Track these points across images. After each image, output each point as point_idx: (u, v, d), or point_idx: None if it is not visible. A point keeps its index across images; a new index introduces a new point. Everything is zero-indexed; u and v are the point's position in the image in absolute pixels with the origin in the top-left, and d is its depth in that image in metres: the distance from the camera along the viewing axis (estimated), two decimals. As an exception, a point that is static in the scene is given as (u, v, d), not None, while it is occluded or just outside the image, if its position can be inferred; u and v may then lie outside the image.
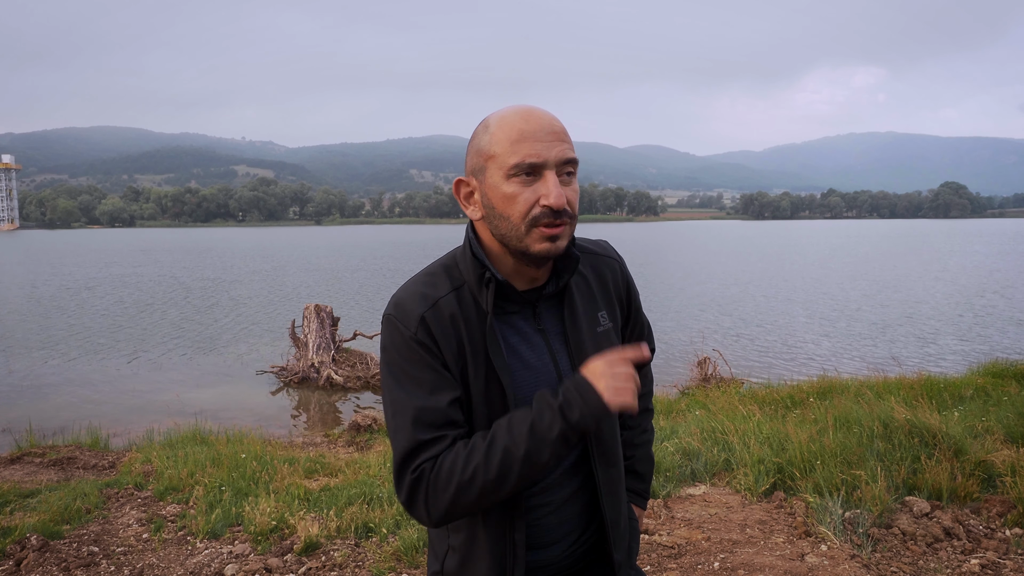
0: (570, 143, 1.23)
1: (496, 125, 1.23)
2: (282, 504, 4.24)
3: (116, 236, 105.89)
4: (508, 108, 1.26)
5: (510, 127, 1.21)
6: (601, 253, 1.45)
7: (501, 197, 1.21)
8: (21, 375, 12.40)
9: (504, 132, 1.21)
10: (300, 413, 10.26)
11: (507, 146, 1.20)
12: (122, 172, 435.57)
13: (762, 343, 14.88)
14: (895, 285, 26.19)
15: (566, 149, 1.21)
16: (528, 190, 1.20)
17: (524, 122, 1.21)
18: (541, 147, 1.19)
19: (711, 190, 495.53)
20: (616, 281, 1.45)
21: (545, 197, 1.18)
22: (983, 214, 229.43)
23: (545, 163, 1.19)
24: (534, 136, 1.19)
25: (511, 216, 1.21)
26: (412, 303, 1.27)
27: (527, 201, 1.20)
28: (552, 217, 1.19)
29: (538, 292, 1.32)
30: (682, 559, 3.36)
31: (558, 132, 1.21)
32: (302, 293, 24.29)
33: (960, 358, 12.75)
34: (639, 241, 69.10)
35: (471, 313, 1.27)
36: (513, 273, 1.29)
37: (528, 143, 1.19)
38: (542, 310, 1.33)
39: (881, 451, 4.31)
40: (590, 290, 1.39)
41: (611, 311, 1.41)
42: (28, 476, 5.62)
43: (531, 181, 1.20)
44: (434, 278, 1.31)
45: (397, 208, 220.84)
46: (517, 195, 1.20)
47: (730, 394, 7.88)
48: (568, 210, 1.21)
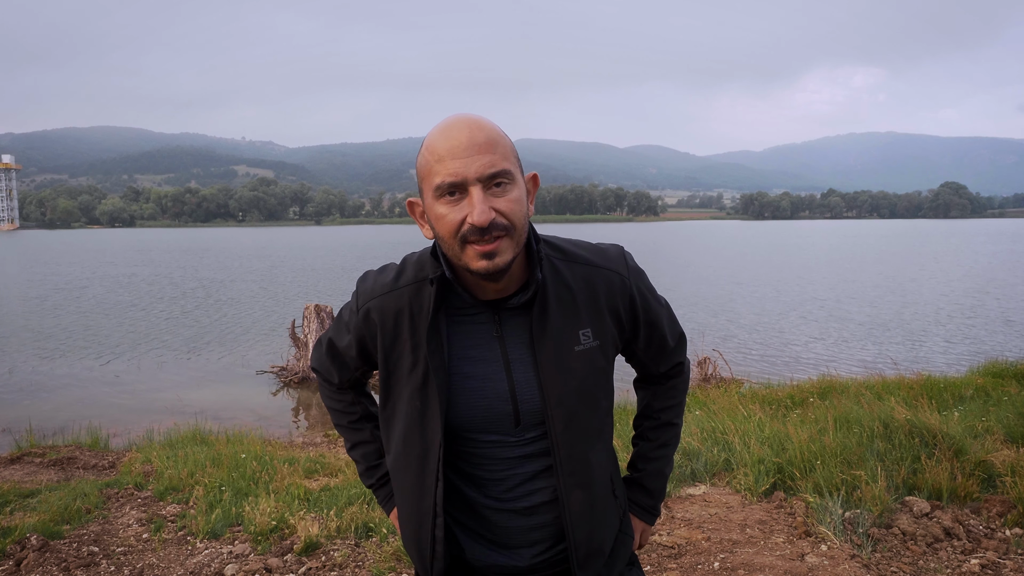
0: (499, 152, 1.17)
1: (424, 144, 1.21)
2: (282, 504, 4.23)
3: (116, 236, 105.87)
4: (437, 126, 1.22)
5: (432, 145, 1.19)
6: (599, 264, 1.35)
7: (435, 218, 1.20)
8: (21, 375, 12.40)
9: (428, 152, 1.19)
10: (300, 413, 10.27)
11: (431, 166, 1.18)
12: (122, 172, 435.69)
13: (762, 343, 14.87)
14: (895, 285, 26.19)
15: (489, 162, 1.15)
16: (455, 209, 1.17)
17: (443, 139, 1.17)
18: (459, 165, 1.15)
19: (711, 190, 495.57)
20: (612, 295, 1.35)
21: (469, 215, 1.15)
22: (983, 214, 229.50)
23: (466, 180, 1.15)
24: (452, 153, 1.16)
25: (444, 236, 1.20)
26: (372, 286, 1.38)
27: (454, 221, 1.17)
28: (479, 235, 1.15)
29: (503, 301, 1.28)
30: (682, 559, 3.36)
31: (479, 144, 1.16)
32: (302, 293, 24.30)
33: (960, 358, 12.75)
34: (639, 241, 69.09)
35: (425, 309, 1.28)
36: (474, 282, 1.26)
37: (446, 162, 1.16)
38: (507, 319, 1.30)
39: (881, 451, 4.31)
40: (574, 303, 1.31)
41: (599, 327, 1.33)
42: (28, 476, 5.62)
43: (458, 200, 1.17)
44: (406, 268, 1.35)
45: (397, 208, 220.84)
46: (445, 215, 1.18)
47: (730, 394, 7.88)
48: (502, 222, 1.16)
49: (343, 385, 1.55)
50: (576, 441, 1.32)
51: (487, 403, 1.30)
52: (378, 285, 1.35)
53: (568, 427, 1.30)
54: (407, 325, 1.30)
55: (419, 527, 1.35)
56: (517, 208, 1.18)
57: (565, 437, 1.30)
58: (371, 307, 1.34)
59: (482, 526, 1.36)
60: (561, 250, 1.35)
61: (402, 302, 1.31)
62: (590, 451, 1.35)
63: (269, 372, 12.17)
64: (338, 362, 1.50)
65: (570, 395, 1.30)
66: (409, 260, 1.36)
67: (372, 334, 1.35)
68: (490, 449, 1.32)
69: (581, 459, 1.33)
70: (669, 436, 1.56)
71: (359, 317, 1.37)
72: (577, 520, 1.33)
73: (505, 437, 1.32)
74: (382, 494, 1.57)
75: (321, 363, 1.55)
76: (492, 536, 1.36)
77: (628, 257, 1.40)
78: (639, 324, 1.40)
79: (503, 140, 1.20)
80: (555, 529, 1.36)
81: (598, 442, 1.37)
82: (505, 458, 1.32)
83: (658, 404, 1.54)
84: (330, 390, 1.57)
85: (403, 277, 1.33)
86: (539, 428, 1.32)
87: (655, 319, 1.43)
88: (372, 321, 1.34)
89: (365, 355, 1.43)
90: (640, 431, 1.57)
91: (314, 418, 9.93)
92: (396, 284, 1.33)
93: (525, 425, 1.32)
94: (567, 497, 1.32)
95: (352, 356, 1.45)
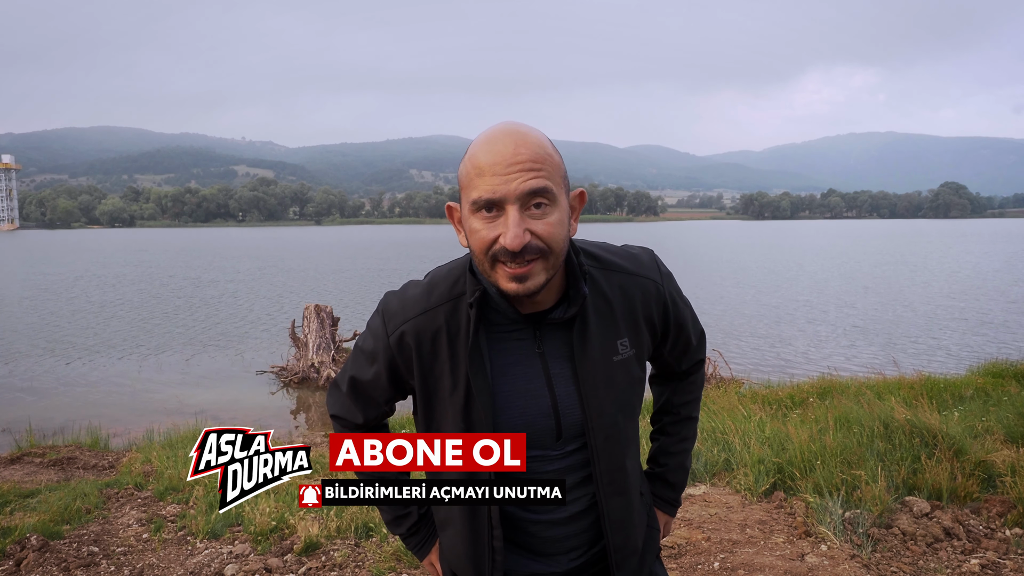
0: (543, 170, 1.12)
1: (468, 153, 1.16)
2: (282, 504, 4.24)
3: (115, 236, 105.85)
4: (484, 133, 1.17)
5: (474, 157, 1.14)
6: (635, 272, 1.33)
7: (469, 231, 1.16)
8: (21, 375, 12.40)
9: (470, 162, 1.14)
10: (300, 413, 10.27)
11: (471, 179, 1.13)
12: (122, 172, 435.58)
13: (761, 343, 14.88)
14: (895, 285, 26.18)
15: (530, 180, 1.10)
16: (490, 226, 1.12)
17: (486, 152, 1.12)
18: (498, 182, 1.10)
19: (711, 190, 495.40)
20: (647, 302, 1.33)
21: (503, 236, 1.11)
22: (983, 214, 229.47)
23: (504, 199, 1.10)
24: (492, 169, 1.11)
25: (476, 251, 1.16)
26: (401, 307, 1.29)
27: (486, 238, 1.13)
28: (510, 258, 1.11)
29: (543, 315, 1.26)
30: (682, 559, 3.36)
31: (522, 162, 1.10)
32: (302, 293, 24.29)
33: (960, 358, 12.75)
34: (639, 241, 68.87)
35: (463, 328, 1.24)
36: (514, 296, 1.23)
37: (486, 177, 1.11)
38: (546, 333, 1.27)
39: (881, 451, 4.31)
40: (612, 314, 1.29)
41: (635, 337, 1.32)
42: (28, 476, 5.62)
43: (494, 217, 1.12)
44: (436, 285, 1.29)
45: (397, 208, 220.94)
46: (479, 231, 1.13)
47: (730, 394, 7.88)
48: (537, 245, 1.12)
49: (367, 427, 1.44)
50: (614, 451, 1.31)
51: (530, 419, 1.27)
52: (409, 306, 1.28)
53: (608, 438, 1.30)
54: (445, 345, 1.25)
55: (475, 544, 1.32)
56: (555, 232, 1.14)
57: (605, 448, 1.30)
58: (405, 330, 1.27)
59: (520, 536, 1.35)
60: (597, 258, 1.32)
61: (438, 322, 1.25)
62: (626, 459, 1.35)
63: (269, 372, 12.17)
64: (363, 399, 1.39)
65: (609, 407, 1.29)
66: (439, 275, 1.31)
67: (407, 359, 1.28)
68: (531, 463, 1.30)
69: (619, 468, 1.33)
70: (689, 430, 1.56)
71: (391, 342, 1.29)
72: (616, 526, 1.33)
73: (547, 452, 1.30)
74: (414, 542, 1.50)
75: (342, 406, 1.43)
76: (530, 546, 1.35)
77: (659, 262, 1.39)
78: (669, 328, 1.40)
79: (550, 157, 1.14)
80: (591, 534, 1.37)
81: (632, 447, 1.37)
82: (546, 471, 1.31)
83: (678, 399, 1.55)
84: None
85: (435, 295, 1.27)
86: (578, 440, 1.31)
87: (683, 321, 1.42)
88: (407, 345, 1.27)
89: (397, 383, 1.34)
90: (660, 426, 1.58)
91: (314, 418, 9.93)
92: (428, 303, 1.27)
93: (566, 438, 1.30)
94: (607, 505, 1.32)
95: (382, 387, 1.36)
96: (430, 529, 1.49)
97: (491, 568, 1.32)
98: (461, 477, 1.23)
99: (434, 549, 1.49)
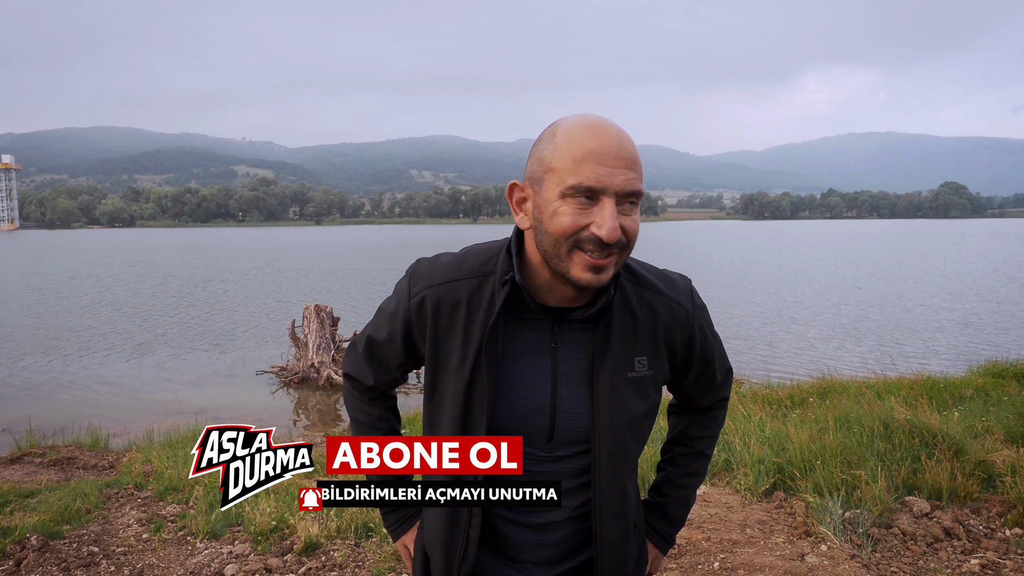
0: (638, 170, 1.13)
1: (562, 135, 1.13)
2: (282, 504, 4.24)
3: (115, 236, 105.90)
4: (578, 117, 1.15)
5: (576, 142, 1.11)
6: (666, 294, 1.31)
7: (551, 213, 1.13)
8: (21, 375, 12.40)
9: (568, 146, 1.12)
10: (300, 413, 10.27)
11: (569, 163, 1.11)
12: (122, 172, 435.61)
13: (761, 343, 14.88)
14: (895, 285, 26.19)
15: (633, 179, 1.11)
16: (581, 213, 1.11)
17: (592, 139, 1.11)
18: (604, 172, 1.09)
19: (711, 190, 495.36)
20: (672, 327, 1.30)
21: (597, 226, 1.10)
22: (983, 214, 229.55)
23: (605, 190, 1.10)
24: (599, 158, 1.10)
25: (556, 234, 1.13)
26: (429, 272, 1.30)
27: (575, 224, 1.11)
28: (600, 248, 1.12)
29: (567, 311, 1.24)
30: (682, 559, 3.36)
31: (627, 158, 1.11)
32: (302, 293, 24.29)
33: (960, 358, 12.74)
34: (639, 241, 68.96)
35: (485, 305, 1.24)
36: (545, 286, 1.22)
37: (591, 165, 1.09)
38: (564, 330, 1.26)
39: (881, 451, 4.31)
40: (635, 329, 1.27)
41: (655, 358, 1.29)
42: (28, 476, 5.62)
43: (587, 205, 1.11)
44: (468, 259, 1.29)
45: (397, 208, 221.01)
46: (567, 215, 1.11)
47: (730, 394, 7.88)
48: (623, 241, 1.13)
49: (377, 391, 1.45)
50: (618, 470, 1.29)
51: (526, 413, 1.26)
52: (436, 273, 1.28)
53: (612, 454, 1.27)
54: (462, 319, 1.25)
55: (452, 528, 1.30)
56: (636, 230, 1.15)
57: (608, 464, 1.27)
58: (427, 295, 1.27)
59: (493, 536, 1.33)
60: (631, 271, 1.31)
61: (460, 294, 1.25)
62: (628, 481, 1.32)
63: (269, 372, 12.17)
64: (376, 360, 1.41)
65: (620, 421, 1.26)
66: (473, 251, 1.31)
67: (422, 324, 1.29)
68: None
69: (620, 489, 1.30)
70: (699, 466, 1.52)
71: (411, 304, 1.29)
72: (610, 551, 1.30)
73: (534, 450, 1.28)
74: (392, 519, 1.49)
75: (355, 365, 1.46)
76: (501, 548, 1.34)
77: (695, 293, 1.36)
78: (694, 361, 1.37)
79: (640, 159, 1.16)
80: (566, 547, 1.34)
81: (634, 473, 1.34)
82: (530, 470, 1.28)
83: (694, 432, 1.51)
84: (359, 399, 1.47)
85: (463, 268, 1.27)
86: (571, 447, 1.29)
87: (710, 357, 1.39)
88: (425, 310, 1.27)
89: (410, 347, 1.34)
90: (669, 456, 1.53)
91: (314, 418, 9.93)
92: (456, 274, 1.27)
93: (557, 442, 1.28)
94: (602, 527, 1.29)
95: (396, 349, 1.36)
96: (412, 511, 1.47)
97: (461, 557, 1.30)
98: (455, 479, 1.23)
99: (410, 532, 1.47)
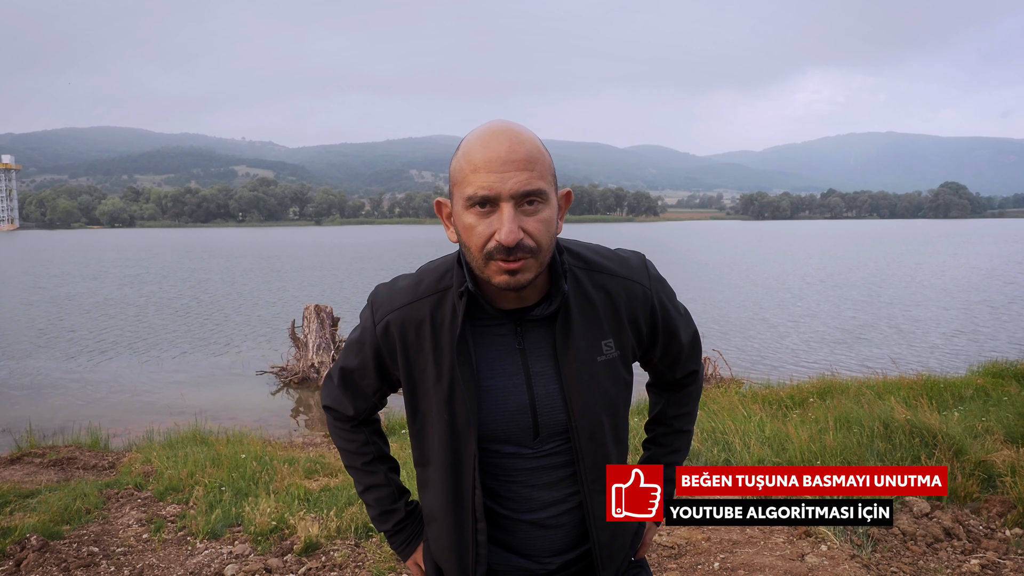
0: (536, 169, 1.15)
1: (461, 149, 1.19)
2: (282, 504, 4.23)
3: (115, 236, 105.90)
4: (478, 128, 1.19)
5: (469, 153, 1.16)
6: (620, 274, 1.34)
7: (463, 226, 1.18)
8: (21, 375, 12.40)
9: (465, 158, 1.17)
10: (300, 413, 10.27)
11: (466, 175, 1.16)
12: (122, 172, 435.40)
13: (761, 343, 14.88)
14: (895, 285, 26.19)
15: (525, 180, 1.14)
16: (484, 222, 1.15)
17: (481, 149, 1.15)
18: (494, 179, 1.13)
19: (711, 190, 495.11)
20: (632, 305, 1.34)
21: (498, 232, 1.14)
22: (983, 214, 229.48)
23: (499, 196, 1.13)
24: (488, 166, 1.13)
25: (470, 247, 1.18)
26: (388, 298, 1.33)
27: (482, 235, 1.15)
28: (504, 253, 1.14)
29: (526, 311, 1.28)
30: (682, 559, 3.36)
31: (517, 161, 1.14)
32: (301, 293, 24.29)
33: (960, 358, 12.75)
34: (639, 242, 69.09)
35: (448, 319, 1.27)
36: (496, 291, 1.25)
37: (483, 174, 1.13)
38: (528, 330, 1.29)
39: (881, 451, 4.31)
40: (595, 314, 1.30)
41: (620, 338, 1.33)
42: (28, 476, 5.62)
43: (488, 213, 1.15)
44: (424, 277, 1.32)
45: (397, 208, 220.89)
46: (474, 227, 1.16)
47: (730, 394, 7.87)
48: (528, 244, 1.15)
49: (358, 419, 1.48)
50: (599, 450, 1.33)
51: (508, 415, 1.29)
52: (396, 297, 1.32)
53: (592, 437, 1.31)
54: (429, 337, 1.28)
55: (459, 536, 1.34)
56: (545, 229, 1.17)
57: (589, 447, 1.31)
58: (391, 320, 1.31)
59: (503, 533, 1.36)
60: (582, 259, 1.33)
61: (423, 313, 1.28)
62: (611, 457, 1.36)
63: (269, 372, 12.18)
64: (352, 390, 1.43)
65: (594, 406, 1.30)
66: (427, 270, 1.34)
67: (391, 348, 1.32)
68: (507, 460, 1.33)
69: (604, 466, 1.34)
70: (680, 443, 1.56)
71: (377, 332, 1.33)
72: (602, 524, 1.34)
73: (522, 449, 1.32)
74: (399, 540, 1.51)
75: (333, 397, 1.47)
76: (513, 543, 1.37)
77: (650, 266, 1.39)
78: (658, 334, 1.39)
79: (542, 156, 1.17)
80: (575, 536, 1.38)
81: (618, 447, 1.38)
82: (522, 469, 1.33)
83: (671, 411, 1.55)
84: (342, 428, 1.50)
85: (421, 287, 1.31)
86: (556, 440, 1.33)
87: (674, 329, 1.42)
88: (392, 334, 1.31)
89: (383, 373, 1.38)
90: (652, 436, 1.58)
91: (314, 418, 9.93)
92: (415, 295, 1.30)
93: (543, 437, 1.32)
94: (591, 503, 1.33)
95: (369, 377, 1.39)
96: (416, 528, 1.50)
97: (475, 561, 1.33)
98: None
99: (418, 550, 1.50)
